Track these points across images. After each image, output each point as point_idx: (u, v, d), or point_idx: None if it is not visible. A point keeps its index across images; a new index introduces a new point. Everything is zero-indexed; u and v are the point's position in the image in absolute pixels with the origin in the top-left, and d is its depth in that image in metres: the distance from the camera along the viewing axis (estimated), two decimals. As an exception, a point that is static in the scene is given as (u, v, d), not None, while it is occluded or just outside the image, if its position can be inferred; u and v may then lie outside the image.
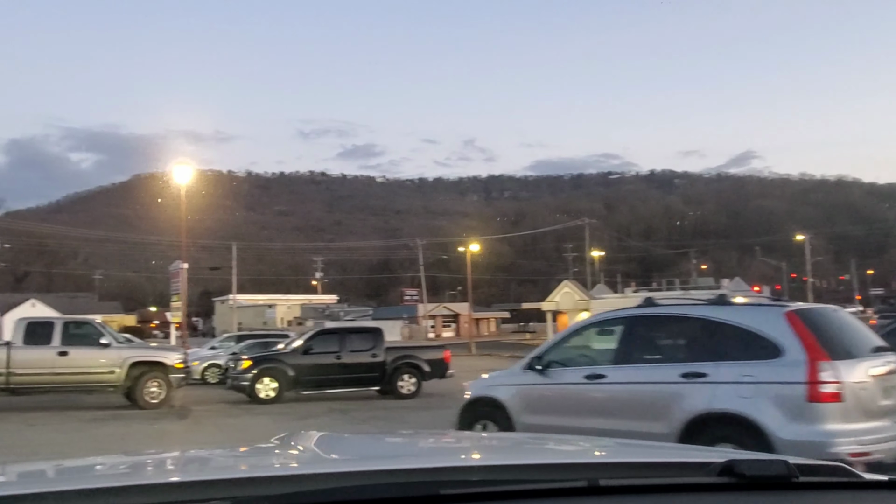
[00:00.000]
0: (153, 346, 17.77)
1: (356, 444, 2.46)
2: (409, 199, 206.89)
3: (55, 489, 1.41)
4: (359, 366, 17.14)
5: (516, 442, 2.75)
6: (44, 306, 65.61)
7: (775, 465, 1.55)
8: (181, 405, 16.41)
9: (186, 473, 1.82)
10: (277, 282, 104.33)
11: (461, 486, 1.41)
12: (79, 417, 14.30)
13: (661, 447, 2.81)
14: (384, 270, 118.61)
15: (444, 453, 2.25)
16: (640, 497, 1.50)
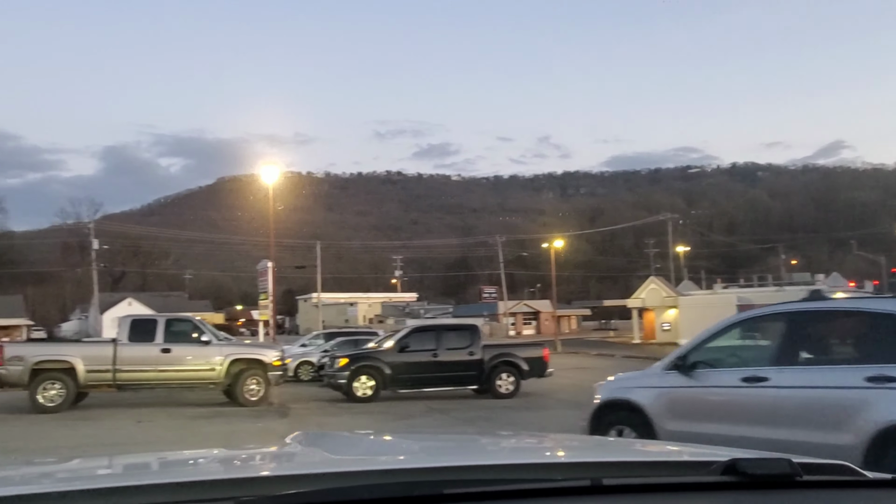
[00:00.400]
0: (251, 344, 17.81)
1: (359, 445, 2.44)
2: (485, 197, 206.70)
3: (59, 489, 1.40)
4: (455, 364, 16.69)
5: (519, 442, 2.71)
6: (139, 305, 68.23)
7: (779, 463, 1.53)
8: (279, 403, 16.37)
9: (190, 473, 1.80)
10: (357, 280, 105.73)
11: (464, 486, 1.41)
12: (184, 414, 14.38)
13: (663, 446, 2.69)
14: (461, 268, 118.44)
15: (447, 453, 2.23)
16: (643, 496, 1.49)
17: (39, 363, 14.86)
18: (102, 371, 15.12)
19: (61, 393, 14.80)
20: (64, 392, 14.81)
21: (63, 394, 14.80)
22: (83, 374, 14.98)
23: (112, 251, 74.74)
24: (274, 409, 15.28)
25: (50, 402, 14.69)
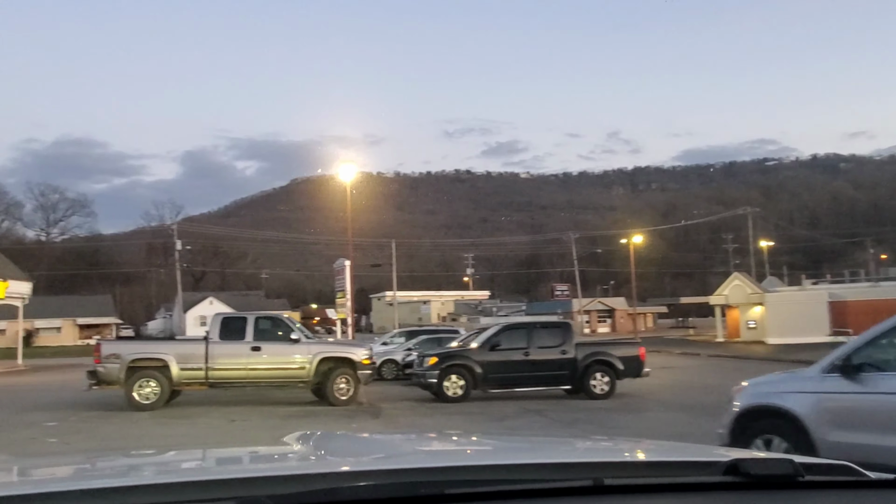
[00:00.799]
0: (340, 342, 17.60)
1: (361, 444, 2.42)
2: (554, 194, 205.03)
3: (60, 489, 1.41)
4: (548, 363, 16.05)
5: (521, 442, 2.67)
6: (220, 304, 69.99)
7: (781, 464, 1.53)
8: (368, 402, 16.07)
9: (191, 473, 1.78)
10: (429, 278, 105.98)
11: (466, 486, 1.42)
12: (276, 414, 14.22)
13: (665, 446, 2.69)
14: (532, 266, 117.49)
15: (450, 453, 2.24)
16: (645, 496, 1.49)
17: (135, 361, 14.98)
18: (195, 369, 15.12)
19: (156, 391, 14.89)
20: (158, 390, 14.89)
21: (157, 392, 14.88)
22: (177, 372, 15.02)
23: (193, 252, 77.02)
24: (365, 409, 14.98)
25: (145, 400, 14.80)
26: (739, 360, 31.01)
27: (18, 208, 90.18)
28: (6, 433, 12.38)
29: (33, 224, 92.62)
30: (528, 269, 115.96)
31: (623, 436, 10.75)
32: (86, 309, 69.98)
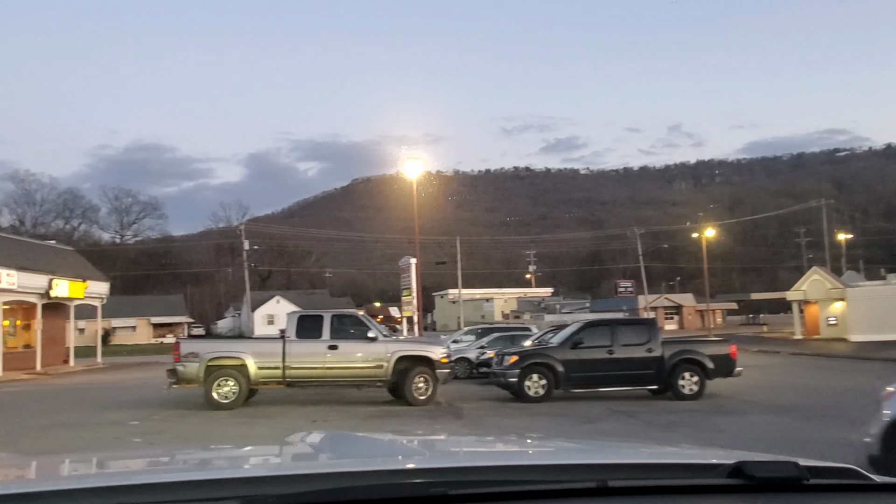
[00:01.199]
0: (417, 340, 17.25)
1: (365, 445, 2.40)
2: (614, 189, 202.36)
3: (65, 487, 1.42)
4: (633, 361, 15.34)
5: (525, 444, 2.66)
6: (287, 302, 71.02)
7: (785, 466, 1.53)
8: (445, 402, 15.66)
9: (196, 472, 1.79)
10: (490, 276, 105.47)
11: (470, 487, 1.43)
12: (355, 414, 13.95)
13: (669, 448, 2.64)
14: (594, 262, 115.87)
15: (453, 454, 2.23)
16: (649, 498, 1.49)
17: (213, 360, 14.91)
18: (272, 368, 14.98)
19: (234, 390, 14.78)
20: (236, 389, 14.78)
21: (236, 391, 14.77)
22: (254, 371, 14.89)
23: (260, 252, 78.30)
24: (445, 410, 14.56)
25: (224, 399, 14.71)
26: (824, 359, 29.58)
27: (94, 212, 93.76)
28: (92, 432, 12.42)
29: (108, 227, 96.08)
30: (589, 266, 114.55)
31: (729, 441, 10.04)
32: (159, 308, 72.05)
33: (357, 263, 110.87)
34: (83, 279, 34.20)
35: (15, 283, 28.40)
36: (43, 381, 26.60)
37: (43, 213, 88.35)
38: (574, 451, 2.31)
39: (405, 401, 14.98)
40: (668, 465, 1.82)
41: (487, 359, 21.01)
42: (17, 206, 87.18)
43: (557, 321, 63.98)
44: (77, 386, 23.40)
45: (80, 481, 1.60)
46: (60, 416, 14.44)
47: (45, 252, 36.28)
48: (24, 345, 32.76)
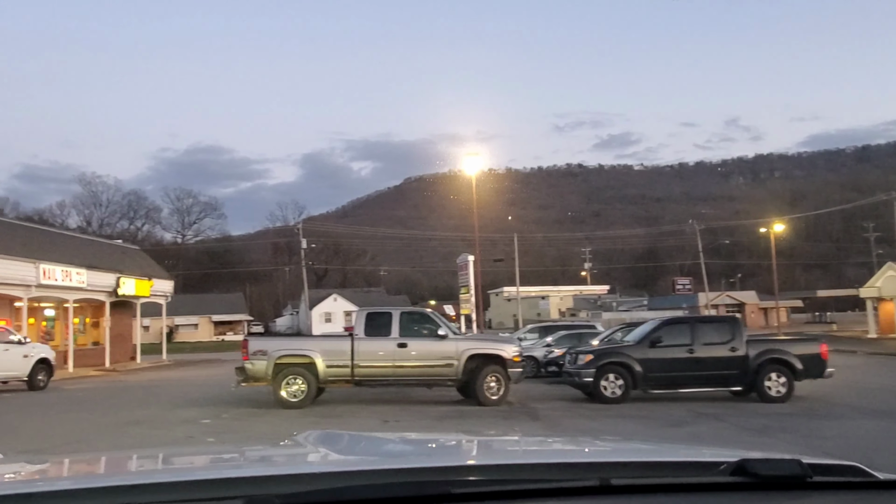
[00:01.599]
0: (488, 338, 16.76)
1: (367, 444, 2.40)
2: (669, 185, 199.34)
3: (68, 487, 1.42)
4: (716, 361, 14.57)
5: (528, 442, 2.64)
6: (344, 300, 71.59)
7: (788, 464, 1.53)
8: (517, 402, 15.16)
9: (199, 472, 1.79)
10: (544, 273, 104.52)
11: (472, 486, 1.43)
12: (427, 414, 13.56)
13: (672, 447, 2.61)
14: (650, 259, 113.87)
15: (456, 453, 2.25)
16: (652, 496, 1.49)
17: (282, 358, 14.72)
18: (341, 366, 14.70)
19: (302, 388, 14.56)
20: (305, 388, 14.56)
21: (304, 389, 14.54)
22: (323, 370, 14.64)
23: (316, 250, 78.96)
24: (519, 410, 14.05)
25: (293, 398, 14.50)
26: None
27: (157, 212, 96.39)
28: (165, 430, 12.35)
29: (170, 227, 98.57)
30: (645, 263, 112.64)
31: (838, 448, 9.31)
32: (220, 306, 73.41)
33: (410, 262, 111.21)
34: (149, 277, 34.82)
35: (84, 281, 29.01)
36: (112, 377, 27.08)
37: (109, 214, 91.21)
38: (576, 450, 2.30)
39: (476, 401, 14.54)
40: (671, 462, 1.79)
41: (555, 357, 20.46)
42: (84, 208, 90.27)
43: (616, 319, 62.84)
44: (146, 383, 23.69)
45: (83, 481, 1.58)
46: (133, 413, 14.48)
47: (112, 251, 37.10)
48: (93, 342, 33.53)
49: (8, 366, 19.90)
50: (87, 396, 18.76)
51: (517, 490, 1.44)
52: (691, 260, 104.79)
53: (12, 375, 20.16)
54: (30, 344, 21.29)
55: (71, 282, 28.07)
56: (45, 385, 20.86)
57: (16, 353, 20.15)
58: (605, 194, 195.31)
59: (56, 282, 27.06)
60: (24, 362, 20.37)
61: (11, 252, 25.67)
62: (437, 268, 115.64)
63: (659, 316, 47.39)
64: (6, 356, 19.79)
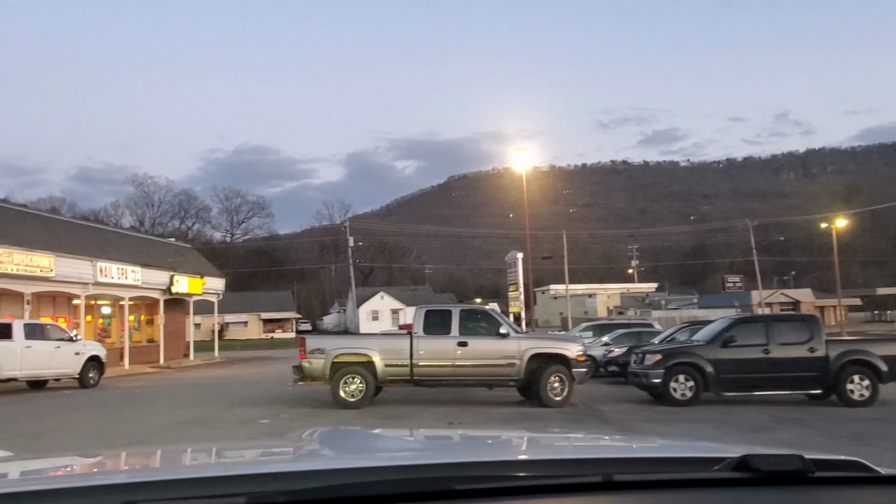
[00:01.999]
0: (551, 336, 16.22)
1: (371, 441, 2.42)
2: (717, 181, 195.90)
3: (71, 485, 1.42)
4: (793, 362, 13.79)
5: (531, 439, 2.66)
6: (390, 298, 71.64)
7: (790, 459, 1.53)
8: (580, 403, 14.62)
9: (203, 469, 1.79)
10: (590, 271, 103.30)
11: (476, 482, 1.43)
12: (489, 415, 13.11)
13: (674, 443, 2.64)
14: (698, 256, 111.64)
15: (459, 449, 2.24)
16: (654, 492, 1.50)
17: (339, 356, 14.42)
18: (400, 365, 14.34)
19: (360, 388, 14.24)
20: (363, 387, 14.24)
21: (363, 389, 14.22)
22: (381, 368, 14.30)
23: (362, 249, 79.23)
24: (585, 412, 13.51)
25: (351, 398, 14.18)
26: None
27: (206, 212, 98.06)
28: (224, 430, 12.15)
29: (220, 226, 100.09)
30: (693, 261, 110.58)
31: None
32: (268, 304, 74.11)
33: (455, 260, 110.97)
34: (201, 275, 35.12)
35: (140, 279, 29.33)
36: (167, 374, 27.30)
37: (160, 214, 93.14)
38: (579, 446, 2.30)
39: (539, 402, 14.05)
40: (674, 458, 1.78)
41: (615, 357, 19.84)
42: (137, 208, 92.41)
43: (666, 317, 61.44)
44: (200, 380, 23.76)
45: (86, 479, 1.58)
46: (191, 412, 14.35)
47: (165, 249, 37.54)
48: (147, 339, 33.96)
49: (60, 363, 19.99)
50: (145, 394, 18.80)
51: (520, 486, 1.43)
52: (741, 257, 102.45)
53: (64, 373, 20.24)
54: (81, 341, 21.38)
55: (126, 280, 28.40)
56: (95, 383, 20.93)
57: (67, 350, 20.23)
58: (650, 191, 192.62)
59: (112, 279, 27.40)
60: (76, 360, 20.46)
61: (70, 250, 26.05)
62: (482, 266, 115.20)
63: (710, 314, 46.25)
64: (58, 354, 19.88)
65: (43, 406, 16.08)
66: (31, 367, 19.20)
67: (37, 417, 13.91)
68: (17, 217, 26.49)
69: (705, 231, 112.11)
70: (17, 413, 14.73)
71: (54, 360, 19.80)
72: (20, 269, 22.83)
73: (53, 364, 19.83)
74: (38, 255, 23.67)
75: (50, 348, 19.66)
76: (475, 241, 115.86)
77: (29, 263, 23.21)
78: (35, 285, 23.97)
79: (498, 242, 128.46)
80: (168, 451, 2.40)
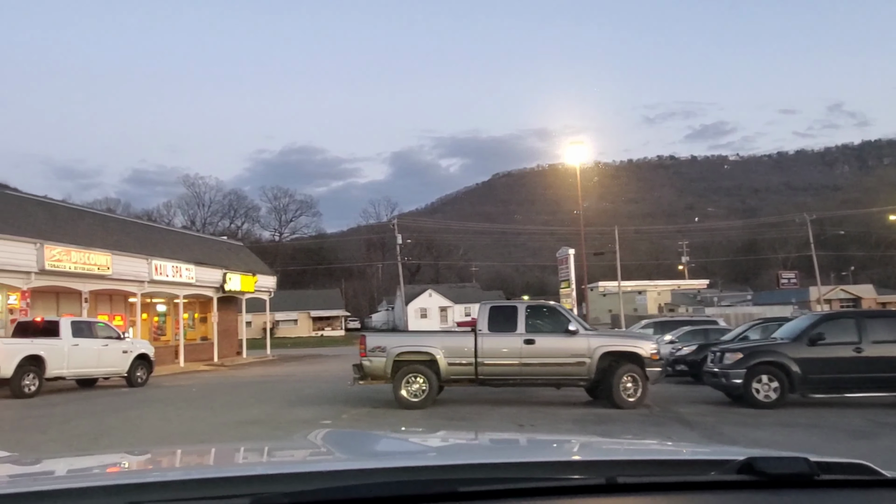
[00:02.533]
0: (622, 333, 15.41)
1: (376, 442, 2.41)
2: (767, 176, 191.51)
3: (75, 486, 1.42)
4: (890, 362, 12.80)
5: (535, 441, 2.63)
6: (439, 296, 71.34)
7: (796, 462, 1.53)
8: (654, 405, 13.85)
9: (207, 470, 1.80)
10: (638, 268, 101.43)
11: (479, 484, 1.44)
12: (559, 416, 12.42)
13: (679, 445, 2.66)
14: (749, 252, 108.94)
15: (463, 451, 2.24)
16: (658, 495, 1.50)
17: (401, 355, 13.92)
18: (464, 364, 13.76)
19: (423, 388, 13.71)
20: (426, 387, 13.70)
21: (425, 389, 13.69)
22: (444, 367, 13.75)
23: (409, 246, 79.09)
24: (662, 414, 12.74)
25: (413, 398, 13.66)
26: None
27: (255, 211, 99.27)
28: (284, 431, 11.71)
29: (268, 225, 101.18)
30: (745, 256, 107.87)
31: None
32: (318, 302, 74.46)
33: (500, 257, 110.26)
34: (252, 273, 35.14)
35: (193, 277, 29.39)
36: (221, 372, 27.26)
37: (211, 214, 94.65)
38: (583, 448, 2.30)
39: (610, 403, 13.32)
40: (678, 461, 1.78)
41: (684, 355, 18.98)
42: (188, 208, 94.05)
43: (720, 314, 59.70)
44: (255, 378, 23.58)
45: (90, 479, 1.59)
46: (250, 411, 14.00)
47: (218, 247, 37.71)
48: (201, 337, 34.10)
49: (108, 362, 19.83)
50: (202, 393, 18.60)
51: (524, 488, 1.43)
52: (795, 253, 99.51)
53: (112, 371, 20.07)
54: (129, 339, 21.23)
55: (181, 277, 28.47)
56: (144, 381, 20.72)
57: (115, 348, 20.07)
58: (698, 186, 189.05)
59: (167, 277, 27.48)
60: (124, 358, 20.29)
61: (126, 248, 26.18)
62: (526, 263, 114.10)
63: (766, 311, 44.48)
64: (106, 352, 19.72)
65: (100, 405, 15.97)
66: (78, 365, 18.95)
67: (95, 416, 13.73)
68: (75, 216, 26.73)
69: (756, 226, 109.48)
70: (75, 411, 14.59)
71: (102, 358, 19.61)
72: (78, 268, 22.96)
73: (101, 363, 19.63)
74: (95, 253, 23.80)
75: (97, 346, 19.45)
76: (520, 238, 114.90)
77: (86, 262, 23.34)
78: (92, 283, 24.11)
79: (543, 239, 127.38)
80: (173, 452, 2.42)
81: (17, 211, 23.17)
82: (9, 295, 22.30)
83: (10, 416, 14.11)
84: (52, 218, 24.76)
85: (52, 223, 24.30)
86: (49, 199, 26.75)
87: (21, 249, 21.14)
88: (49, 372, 18.06)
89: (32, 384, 17.52)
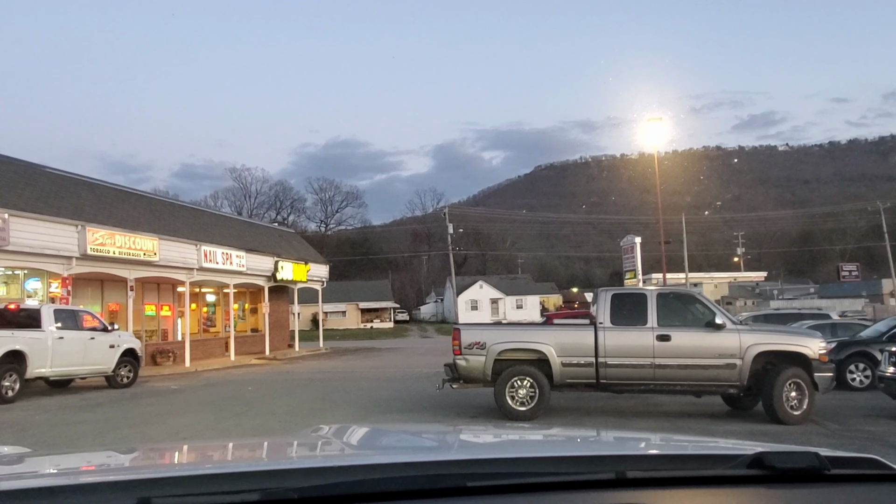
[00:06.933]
0: (777, 330, 12.70)
1: (384, 437, 2.39)
2: (818, 166, 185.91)
3: (85, 482, 1.42)
4: None
5: (544, 435, 2.65)
6: (489, 287, 68.92)
7: (806, 457, 1.52)
8: (817, 419, 11.22)
9: (216, 465, 1.80)
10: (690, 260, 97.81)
11: (488, 479, 1.44)
12: (712, 433, 9.85)
13: (688, 440, 2.66)
14: (805, 243, 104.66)
15: (472, 446, 2.24)
16: (668, 489, 1.49)
17: (503, 353, 11.51)
18: (582, 365, 11.30)
19: (531, 392, 11.30)
20: (534, 392, 11.28)
21: (534, 394, 11.28)
22: (558, 368, 11.30)
23: (456, 238, 76.90)
24: (844, 433, 10.04)
25: (521, 406, 11.25)
26: None
27: (301, 202, 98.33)
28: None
29: (314, 217, 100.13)
30: (800, 248, 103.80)
31: None
32: (366, 293, 72.79)
33: (544, 248, 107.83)
34: (305, 262, 33.11)
35: (244, 264, 27.41)
36: (275, 367, 25.20)
37: (257, 205, 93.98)
38: (592, 443, 2.29)
39: (771, 417, 10.72)
40: (688, 455, 1.78)
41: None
42: (235, 199, 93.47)
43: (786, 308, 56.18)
44: (313, 375, 21.35)
45: (102, 475, 1.60)
46: (322, 418, 11.67)
47: (269, 234, 35.79)
48: (251, 328, 32.21)
49: (93, 359, 16.91)
50: (258, 393, 16.34)
51: (533, 483, 1.42)
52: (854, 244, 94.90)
53: (97, 370, 17.17)
54: (116, 332, 18.05)
55: (231, 265, 26.48)
56: (129, 382, 17.78)
57: (102, 342, 17.10)
58: (746, 177, 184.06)
59: (217, 265, 25.49)
60: (110, 354, 17.41)
61: (174, 233, 24.25)
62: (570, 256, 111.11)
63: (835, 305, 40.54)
64: (91, 347, 16.79)
65: (147, 410, 13.91)
66: (62, 363, 15.91)
67: (131, 426, 11.61)
68: (120, 197, 24.80)
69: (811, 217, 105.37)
70: (94, 421, 12.47)
71: (88, 354, 16.65)
72: (123, 253, 21.01)
73: (87, 359, 16.64)
74: (141, 237, 21.83)
75: (84, 339, 16.50)
76: (563, 230, 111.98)
77: (132, 246, 21.38)
78: (138, 270, 22.16)
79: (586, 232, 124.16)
80: (182, 447, 2.35)
81: (58, 190, 21.27)
82: (50, 282, 20.45)
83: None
84: (95, 199, 22.85)
85: (96, 204, 22.40)
86: (92, 179, 24.79)
87: (62, 232, 19.20)
88: (31, 371, 15.02)
89: (13, 386, 14.45)
